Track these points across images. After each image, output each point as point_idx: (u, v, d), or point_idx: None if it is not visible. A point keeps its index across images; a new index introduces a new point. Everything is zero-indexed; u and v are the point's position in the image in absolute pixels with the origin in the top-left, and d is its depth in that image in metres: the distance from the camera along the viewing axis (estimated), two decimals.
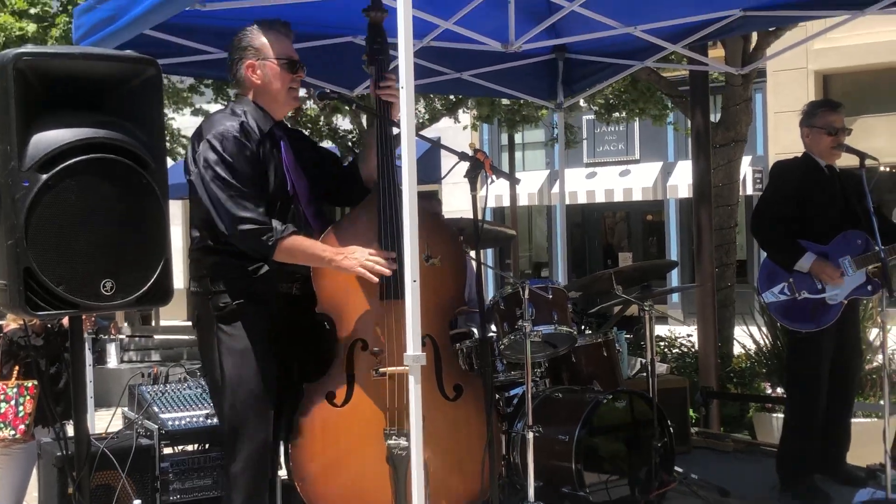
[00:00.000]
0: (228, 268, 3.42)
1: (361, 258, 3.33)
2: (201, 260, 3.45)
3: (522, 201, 20.77)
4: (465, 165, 3.39)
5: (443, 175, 3.73)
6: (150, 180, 2.72)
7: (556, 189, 21.24)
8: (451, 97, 12.75)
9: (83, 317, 5.39)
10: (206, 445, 4.58)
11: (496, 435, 3.69)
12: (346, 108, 11.16)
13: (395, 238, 3.38)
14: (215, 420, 4.51)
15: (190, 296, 3.47)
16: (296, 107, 3.66)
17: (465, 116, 14.62)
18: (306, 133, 13.02)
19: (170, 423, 4.44)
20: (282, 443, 3.55)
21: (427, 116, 13.41)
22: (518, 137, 19.11)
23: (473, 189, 3.32)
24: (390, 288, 3.37)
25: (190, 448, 4.57)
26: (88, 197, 2.61)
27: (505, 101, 12.77)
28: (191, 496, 4.42)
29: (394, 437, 3.36)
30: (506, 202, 17.98)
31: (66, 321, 5.86)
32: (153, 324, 16.52)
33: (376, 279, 3.35)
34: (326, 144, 13.11)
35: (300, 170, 3.57)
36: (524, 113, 12.96)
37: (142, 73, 2.75)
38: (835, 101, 5.33)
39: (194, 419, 4.51)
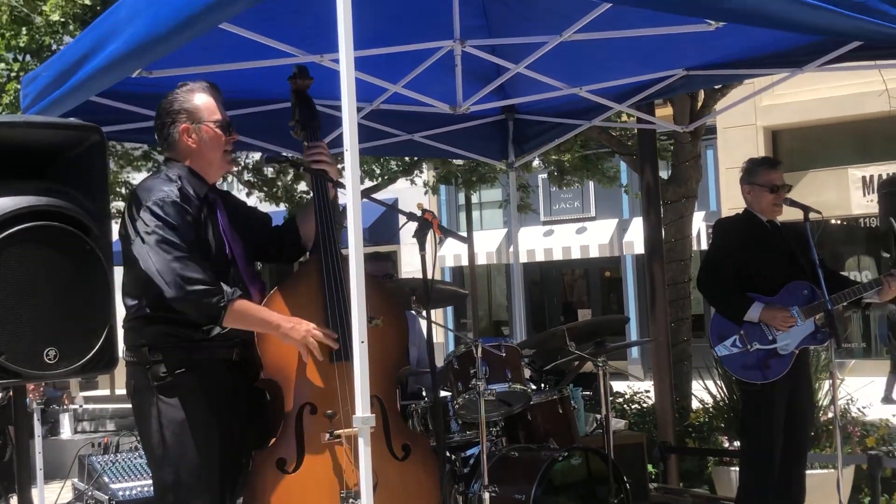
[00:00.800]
0: (168, 337, 3.34)
1: (308, 330, 3.31)
2: (139, 329, 3.37)
3: (481, 260, 20.87)
4: (413, 227, 3.42)
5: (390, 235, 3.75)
6: (94, 246, 2.71)
7: (513, 248, 21.41)
8: (407, 158, 12.87)
9: (31, 387, 5.34)
10: None
11: (449, 496, 3.68)
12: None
13: (341, 301, 3.38)
14: None
15: (126, 365, 3.37)
16: (230, 170, 3.65)
17: (424, 177, 14.75)
18: (262, 195, 13.06)
19: (120, 493, 4.39)
20: None
21: (385, 178, 13.51)
22: (475, 197, 19.25)
23: (422, 249, 3.34)
24: (338, 350, 3.36)
25: None
26: (31, 264, 2.60)
27: (459, 162, 12.90)
28: None
29: (350, 500, 3.33)
30: (464, 261, 18.07)
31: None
32: (109, 392, 16.26)
33: (319, 357, 3.32)
34: (282, 207, 13.14)
35: (234, 232, 3.54)
36: (481, 171, 13.07)
37: (85, 141, 2.75)
38: (774, 159, 5.46)
39: (145, 489, 4.45)
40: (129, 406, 3.48)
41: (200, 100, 3.47)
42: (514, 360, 4.40)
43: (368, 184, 13.82)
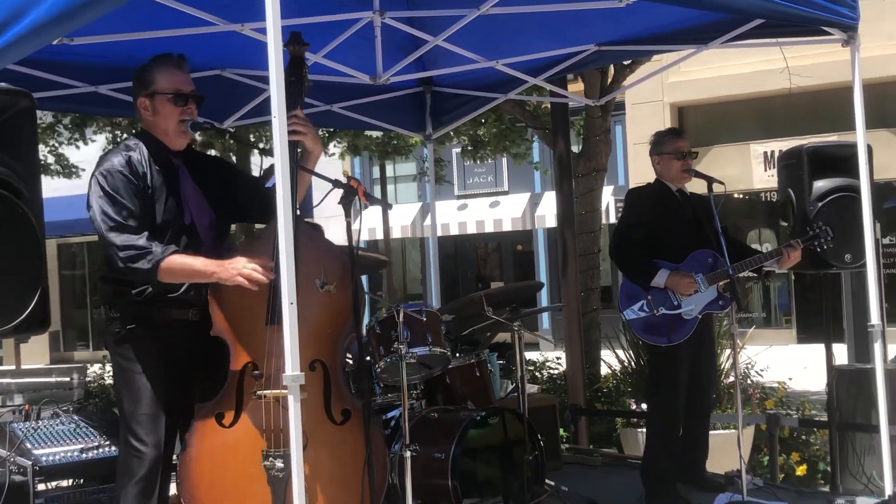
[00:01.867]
0: (120, 295, 3.58)
1: (239, 267, 3.42)
2: (101, 289, 3.64)
3: (395, 233, 20.99)
4: (338, 196, 3.51)
5: (316, 203, 3.85)
6: (25, 210, 2.76)
7: (428, 221, 21.56)
8: (322, 130, 12.86)
9: None
10: (81, 480, 4.56)
11: (382, 459, 3.81)
12: (219, 139, 11.17)
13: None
14: (90, 454, 4.52)
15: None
16: (188, 140, 3.75)
17: (336, 149, 14.74)
18: None
19: (44, 458, 4.41)
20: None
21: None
22: (390, 170, 19.34)
23: (348, 215, 3.44)
24: (275, 314, 3.47)
25: (65, 483, 4.54)
26: None
27: (374, 134, 12.95)
28: None
29: (270, 459, 3.44)
30: (379, 234, 18.13)
31: None
32: (15, 366, 15.94)
33: (255, 288, 3.42)
34: None
35: (201, 195, 3.70)
36: (395, 143, 13.15)
37: (15, 105, 2.80)
38: (679, 129, 5.70)
39: (69, 454, 4.49)
40: (39, 380, 3.73)
41: (158, 72, 3.65)
42: (434, 325, 4.54)
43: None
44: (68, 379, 5.99)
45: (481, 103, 6.59)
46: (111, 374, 3.93)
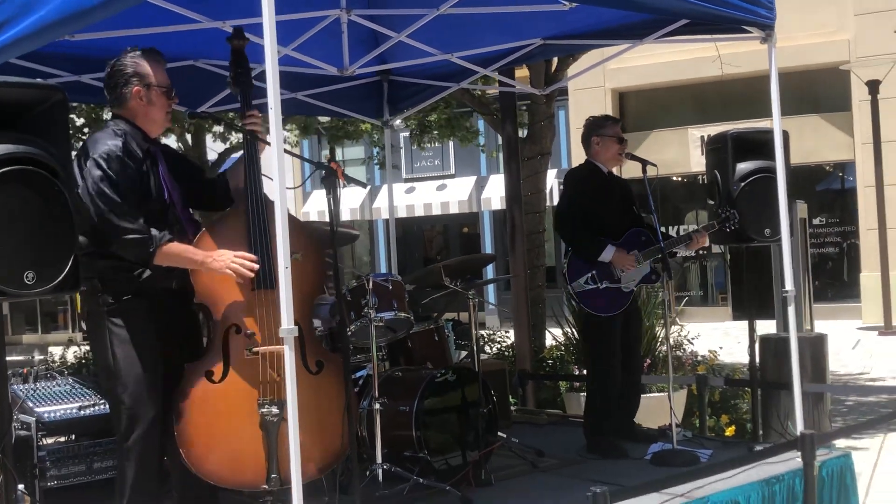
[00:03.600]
0: (115, 270, 3.91)
1: (228, 261, 3.88)
2: (91, 263, 3.84)
3: (344, 216, 21.35)
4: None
5: (299, 184, 4.35)
6: (61, 188, 3.22)
7: (377, 204, 21.98)
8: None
9: None
10: (73, 437, 5.00)
11: (354, 406, 4.31)
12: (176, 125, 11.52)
13: (264, 237, 3.99)
14: (87, 412, 4.97)
15: (80, 293, 3.91)
16: (167, 126, 4.19)
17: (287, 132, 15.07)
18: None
19: (46, 415, 4.84)
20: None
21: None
22: (339, 154, 19.71)
23: (329, 193, 3.95)
24: (261, 280, 3.97)
25: (63, 438, 4.98)
26: (12, 202, 3.10)
27: (324, 119, 13.31)
28: (67, 482, 4.84)
29: (266, 406, 3.94)
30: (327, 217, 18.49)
31: None
32: None
33: (240, 280, 3.92)
34: None
35: (174, 180, 4.10)
36: (348, 129, 13.54)
37: (51, 98, 3.25)
38: (614, 116, 6.24)
39: (68, 411, 4.92)
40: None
41: (151, 66, 4.03)
42: (399, 292, 5.04)
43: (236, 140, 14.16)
44: (30, 357, 6.37)
45: (435, 91, 7.08)
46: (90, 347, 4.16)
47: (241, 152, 4.23)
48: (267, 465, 3.91)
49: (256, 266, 3.92)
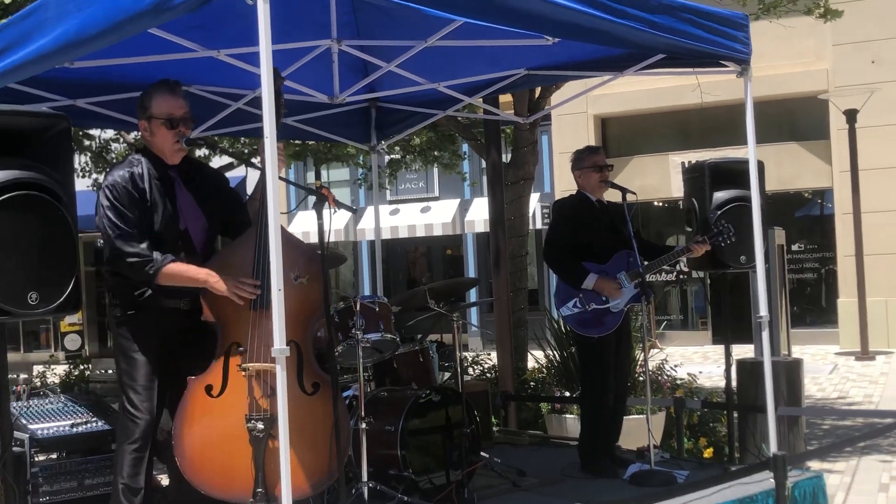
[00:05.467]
0: (122, 287, 4.22)
1: (231, 284, 4.10)
2: (107, 280, 4.27)
3: (329, 237, 21.42)
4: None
5: (293, 209, 4.51)
6: (64, 211, 3.36)
7: (361, 225, 22.10)
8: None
9: None
10: (65, 454, 5.10)
11: (346, 426, 4.44)
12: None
13: (260, 263, 4.18)
14: (79, 429, 5.08)
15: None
16: (183, 155, 4.37)
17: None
18: None
19: (39, 432, 4.94)
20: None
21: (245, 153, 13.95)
22: (325, 176, 19.85)
23: (320, 218, 4.10)
24: (259, 300, 4.15)
25: (55, 455, 5.07)
26: (16, 225, 3.24)
27: (310, 141, 13.48)
28: (59, 497, 4.94)
29: (252, 422, 4.07)
30: (313, 238, 18.61)
31: None
32: None
33: (241, 302, 4.12)
34: None
35: (195, 206, 4.32)
36: (336, 152, 13.69)
37: (56, 126, 3.39)
38: (596, 146, 6.42)
39: (60, 428, 5.02)
40: None
41: (155, 98, 4.26)
42: (386, 314, 5.18)
43: (221, 162, 14.31)
44: (14, 376, 6.46)
45: (422, 118, 7.25)
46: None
47: (240, 175, 4.42)
48: (255, 480, 4.03)
49: (258, 291, 4.08)
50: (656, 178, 19.22)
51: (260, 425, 4.04)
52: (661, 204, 20.24)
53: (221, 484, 4.10)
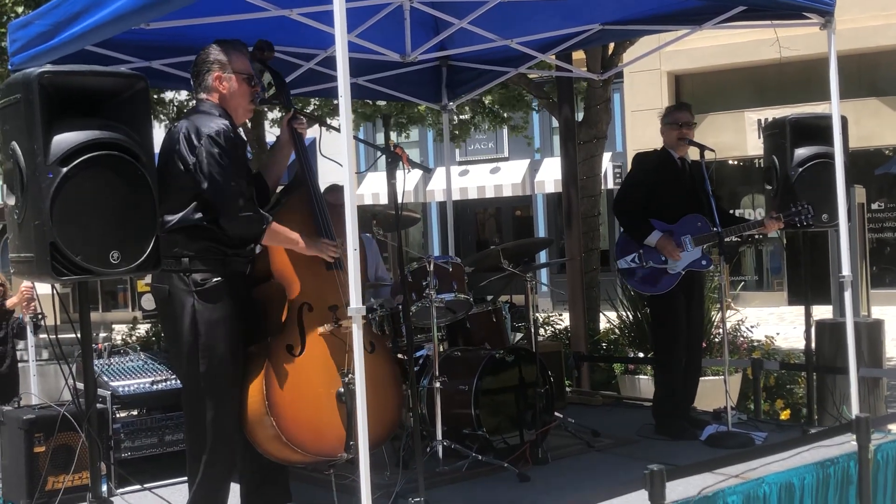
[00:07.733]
0: (212, 251, 3.96)
1: (317, 246, 4.10)
2: (181, 242, 3.91)
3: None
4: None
5: (366, 168, 4.49)
6: (144, 172, 3.39)
7: (430, 186, 22.12)
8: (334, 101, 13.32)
9: (23, 303, 5.93)
10: (145, 410, 5.20)
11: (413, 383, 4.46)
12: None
13: (327, 224, 4.18)
14: (159, 386, 5.16)
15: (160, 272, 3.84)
16: (251, 115, 4.32)
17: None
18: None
19: (120, 389, 5.04)
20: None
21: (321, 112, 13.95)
22: (393, 137, 19.83)
23: (392, 178, 4.08)
24: (337, 262, 4.15)
25: (136, 412, 5.18)
26: (98, 185, 3.27)
27: (381, 103, 13.44)
28: (139, 453, 5.04)
29: (349, 376, 4.05)
30: (383, 199, 18.70)
31: (10, 302, 6.35)
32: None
33: (331, 260, 4.13)
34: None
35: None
36: (409, 113, 13.64)
37: (134, 86, 3.41)
38: (683, 103, 6.30)
39: (141, 385, 5.12)
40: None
41: (228, 54, 4.13)
42: (459, 274, 5.17)
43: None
44: (95, 334, 6.58)
45: (494, 76, 7.17)
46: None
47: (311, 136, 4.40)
48: (346, 433, 4.02)
49: (339, 253, 4.09)
50: (731, 136, 18.88)
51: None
52: (736, 162, 19.89)
53: (314, 440, 4.08)
